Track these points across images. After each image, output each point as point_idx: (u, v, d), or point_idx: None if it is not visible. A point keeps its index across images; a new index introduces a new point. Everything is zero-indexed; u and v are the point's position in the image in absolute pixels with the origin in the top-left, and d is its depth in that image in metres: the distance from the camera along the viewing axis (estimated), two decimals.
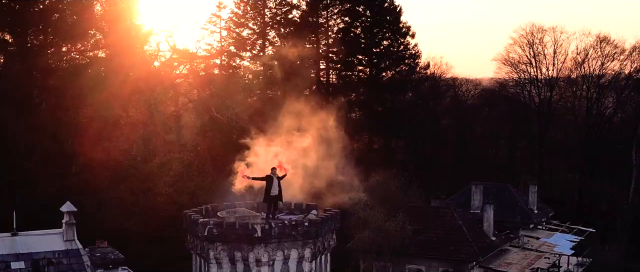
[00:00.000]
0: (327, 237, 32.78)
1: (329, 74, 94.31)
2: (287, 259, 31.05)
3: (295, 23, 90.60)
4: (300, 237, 31.19)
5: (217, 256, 31.07)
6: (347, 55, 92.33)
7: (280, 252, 30.93)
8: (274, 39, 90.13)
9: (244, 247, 30.66)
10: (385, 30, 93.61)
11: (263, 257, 30.69)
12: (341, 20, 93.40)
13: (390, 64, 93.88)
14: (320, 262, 32.58)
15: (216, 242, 31.01)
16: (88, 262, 19.66)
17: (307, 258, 31.48)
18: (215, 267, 31.22)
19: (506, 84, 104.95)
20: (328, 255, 33.76)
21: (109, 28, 79.62)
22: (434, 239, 59.91)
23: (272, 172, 32.32)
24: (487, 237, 61.85)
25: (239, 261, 30.77)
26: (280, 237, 30.87)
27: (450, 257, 58.57)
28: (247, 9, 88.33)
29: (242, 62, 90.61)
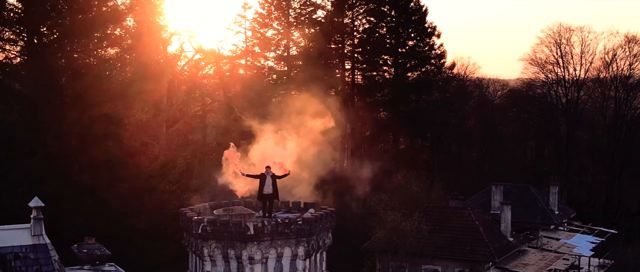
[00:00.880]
0: (321, 235, 32.87)
1: (355, 74, 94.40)
2: (280, 257, 31.23)
3: (320, 23, 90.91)
4: (293, 235, 31.33)
5: (211, 254, 31.33)
6: (373, 56, 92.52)
7: (273, 250, 31.11)
8: (298, 39, 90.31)
9: (237, 245, 30.89)
10: (410, 30, 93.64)
11: (256, 255, 30.89)
12: (366, 20, 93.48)
13: (416, 64, 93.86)
14: (315, 260, 32.68)
15: (210, 239, 31.29)
16: (56, 257, 19.94)
17: (300, 256, 31.62)
18: (209, 264, 31.49)
19: (533, 85, 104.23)
20: (324, 253, 33.86)
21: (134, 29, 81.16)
22: (450, 240, 59.59)
23: (266, 171, 32.50)
24: (504, 238, 61.44)
25: (232, 258, 30.99)
26: (273, 235, 31.06)
27: (466, 258, 58.26)
28: (271, 10, 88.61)
29: (266, 62, 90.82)
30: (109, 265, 26.25)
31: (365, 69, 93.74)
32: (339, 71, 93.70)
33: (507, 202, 64.09)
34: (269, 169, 32.59)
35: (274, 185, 32.35)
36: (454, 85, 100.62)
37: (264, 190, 32.32)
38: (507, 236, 61.88)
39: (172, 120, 75.03)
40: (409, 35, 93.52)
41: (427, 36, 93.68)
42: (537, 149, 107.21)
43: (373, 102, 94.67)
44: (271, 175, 32.43)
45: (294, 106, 46.34)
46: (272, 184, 32.26)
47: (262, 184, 32.35)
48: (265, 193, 32.33)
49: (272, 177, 32.36)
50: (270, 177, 32.33)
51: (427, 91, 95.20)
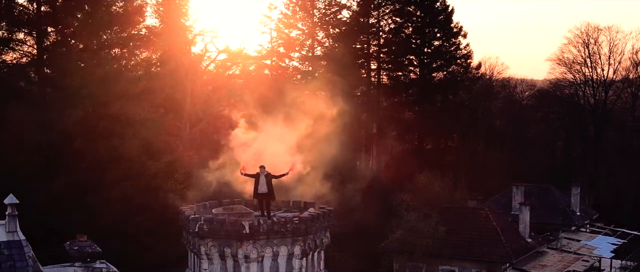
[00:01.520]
0: (319, 234, 32.94)
1: (380, 74, 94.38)
2: (276, 256, 31.35)
3: (345, 23, 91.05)
4: (289, 234, 31.46)
5: (208, 252, 31.59)
6: (398, 56, 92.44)
7: (269, 249, 31.28)
8: (323, 39, 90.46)
9: (233, 244, 31.10)
10: (436, 30, 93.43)
11: (252, 254, 31.08)
12: (392, 20, 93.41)
13: (442, 64, 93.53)
14: (313, 259, 32.78)
15: (206, 238, 31.54)
16: (30, 253, 20.29)
17: (296, 255, 31.72)
18: (206, 263, 31.74)
19: (560, 85, 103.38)
20: (322, 253, 33.91)
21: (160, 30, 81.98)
22: (467, 240, 59.57)
23: (260, 170, 32.70)
24: (523, 239, 61.16)
25: (228, 257, 31.23)
26: (268, 234, 31.21)
27: (483, 259, 58.16)
28: (296, 10, 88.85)
29: (291, 62, 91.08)
30: (100, 262, 26.60)
31: (391, 69, 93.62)
32: (365, 71, 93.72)
33: (526, 203, 63.77)
34: (263, 169, 32.76)
35: (269, 184, 32.48)
36: (481, 86, 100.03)
37: (259, 189, 32.53)
38: (526, 236, 61.59)
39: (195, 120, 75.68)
40: (434, 35, 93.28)
41: (453, 36, 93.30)
42: (565, 150, 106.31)
43: (398, 103, 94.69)
44: (266, 174, 32.59)
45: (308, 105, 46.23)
46: (267, 183, 32.42)
47: (256, 184, 32.58)
48: (259, 192, 32.55)
49: (266, 177, 32.51)
50: (264, 176, 32.49)
51: (453, 91, 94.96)
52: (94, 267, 26.32)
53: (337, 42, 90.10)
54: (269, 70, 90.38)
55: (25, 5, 46.26)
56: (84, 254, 26.33)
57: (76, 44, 47.48)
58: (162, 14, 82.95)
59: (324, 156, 70.80)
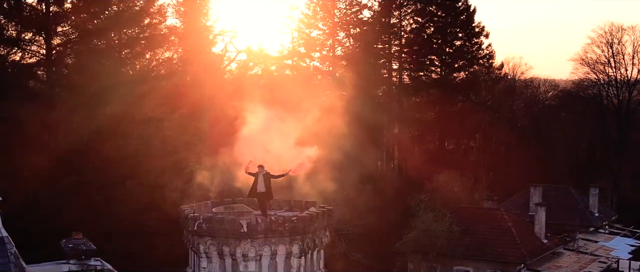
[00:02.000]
0: (318, 234, 32.96)
1: (402, 74, 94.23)
2: (274, 255, 31.43)
3: (366, 23, 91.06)
4: (287, 233, 31.49)
5: (207, 250, 31.74)
6: (420, 56, 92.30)
7: (267, 248, 31.36)
8: (343, 39, 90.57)
9: (231, 242, 31.21)
10: (458, 30, 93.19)
11: (250, 253, 31.18)
12: (413, 20, 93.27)
13: (463, 64, 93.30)
14: (312, 258, 32.84)
15: (205, 236, 31.67)
16: (13, 250, 20.53)
17: (295, 254, 31.78)
18: (205, 261, 31.90)
19: (583, 85, 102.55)
20: (321, 252, 33.92)
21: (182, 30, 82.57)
22: (482, 240, 59.34)
23: (259, 169, 32.84)
24: (538, 240, 60.85)
25: (227, 255, 31.35)
26: (266, 233, 31.30)
27: (497, 259, 57.92)
28: (317, 10, 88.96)
29: (312, 62, 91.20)
30: (94, 260, 26.90)
31: (412, 69, 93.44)
32: (386, 71, 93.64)
33: (542, 203, 63.40)
34: (261, 168, 32.88)
35: (267, 184, 32.60)
36: (503, 86, 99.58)
37: (258, 189, 32.67)
38: (541, 237, 61.29)
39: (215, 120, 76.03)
40: (456, 35, 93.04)
41: (475, 36, 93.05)
42: (588, 151, 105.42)
43: (420, 103, 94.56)
44: (264, 174, 32.71)
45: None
46: (265, 183, 32.54)
47: (255, 183, 32.71)
48: (258, 192, 32.69)
49: (264, 176, 32.63)
50: (262, 175, 32.62)
51: (474, 92, 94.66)
52: (89, 265, 26.62)
53: (358, 42, 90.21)
54: (290, 70, 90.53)
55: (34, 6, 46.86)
56: (79, 252, 26.65)
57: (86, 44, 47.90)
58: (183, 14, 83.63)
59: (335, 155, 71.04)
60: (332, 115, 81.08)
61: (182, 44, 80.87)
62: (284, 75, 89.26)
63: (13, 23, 45.97)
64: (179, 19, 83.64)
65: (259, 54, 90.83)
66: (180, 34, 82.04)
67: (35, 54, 47.66)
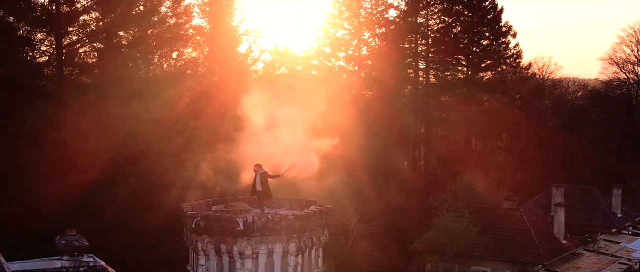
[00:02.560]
0: (316, 232, 33.04)
1: (428, 74, 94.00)
2: (271, 253, 31.60)
3: (392, 23, 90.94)
4: (284, 231, 31.64)
5: (205, 248, 32.00)
6: (446, 56, 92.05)
7: (264, 246, 31.50)
8: (369, 39, 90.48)
9: (228, 240, 31.43)
10: (485, 29, 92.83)
11: (247, 251, 31.34)
12: (441, 20, 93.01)
13: (491, 64, 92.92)
14: (310, 257, 32.96)
15: (203, 234, 31.94)
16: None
17: (292, 253, 31.91)
18: (203, 259, 32.16)
19: (612, 85, 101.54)
20: (320, 250, 34.02)
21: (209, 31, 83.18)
22: (500, 241, 59.12)
23: (256, 169, 33.10)
24: (557, 241, 60.43)
25: (224, 253, 31.57)
26: (263, 232, 31.46)
27: (515, 260, 57.66)
28: (342, 10, 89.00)
29: (337, 62, 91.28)
30: (87, 256, 27.11)
31: (439, 69, 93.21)
32: (413, 71, 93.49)
33: (562, 204, 62.89)
34: (259, 167, 33.12)
35: (264, 183, 32.83)
36: (531, 86, 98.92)
37: (257, 188, 32.96)
38: (561, 238, 60.85)
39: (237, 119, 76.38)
40: (483, 35, 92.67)
41: (503, 36, 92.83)
42: (618, 151, 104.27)
43: (447, 102, 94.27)
44: (261, 173, 32.96)
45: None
46: (261, 182, 32.78)
47: (253, 182, 33.03)
48: (257, 190, 32.98)
49: (261, 175, 32.87)
50: (259, 175, 32.87)
51: (502, 91, 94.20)
52: (82, 261, 26.84)
53: (384, 41, 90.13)
54: (316, 70, 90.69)
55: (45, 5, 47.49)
56: (72, 248, 26.83)
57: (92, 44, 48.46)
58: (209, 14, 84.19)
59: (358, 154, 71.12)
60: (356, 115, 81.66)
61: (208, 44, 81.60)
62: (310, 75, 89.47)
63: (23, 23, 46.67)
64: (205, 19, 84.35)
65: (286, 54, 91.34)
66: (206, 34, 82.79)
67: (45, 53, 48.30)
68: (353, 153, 76.03)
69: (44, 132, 43.39)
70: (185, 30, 79.16)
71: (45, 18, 47.38)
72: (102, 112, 45.09)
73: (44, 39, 48.36)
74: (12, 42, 46.40)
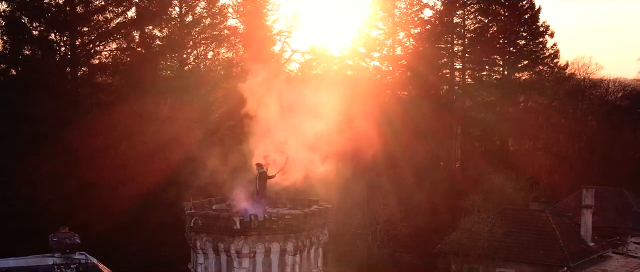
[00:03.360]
0: (314, 232, 33.12)
1: (465, 74, 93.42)
2: (268, 252, 31.77)
3: (427, 22, 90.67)
4: (280, 230, 31.78)
5: (203, 247, 32.29)
6: (482, 55, 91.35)
7: (261, 245, 31.67)
8: (403, 39, 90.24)
9: (225, 239, 31.67)
10: (522, 29, 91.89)
11: (244, 249, 31.56)
12: (477, 19, 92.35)
13: (527, 64, 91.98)
14: (308, 256, 33.02)
15: (201, 233, 32.27)
16: None
17: (289, 252, 32.04)
18: (202, 257, 32.46)
19: None
20: (319, 250, 34.06)
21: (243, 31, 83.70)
22: (525, 243, 58.66)
23: (256, 168, 33.32)
24: (584, 243, 59.67)
25: (222, 252, 31.83)
26: (260, 231, 31.63)
27: (539, 262, 57.09)
28: (376, 10, 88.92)
29: (371, 62, 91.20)
30: (79, 253, 27.64)
31: (475, 69, 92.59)
32: (448, 71, 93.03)
33: (589, 205, 62.05)
34: (259, 167, 33.34)
35: (260, 182, 33.02)
36: (569, 86, 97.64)
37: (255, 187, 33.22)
38: (587, 240, 60.09)
39: None
40: (520, 34, 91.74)
41: (540, 35, 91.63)
42: None
43: (482, 103, 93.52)
44: (260, 172, 33.18)
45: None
46: (258, 181, 33.00)
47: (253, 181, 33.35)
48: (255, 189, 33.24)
49: (260, 175, 33.08)
50: (258, 174, 33.11)
51: (538, 92, 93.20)
52: (73, 258, 27.37)
53: (419, 41, 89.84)
54: (351, 70, 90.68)
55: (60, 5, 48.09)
56: (63, 245, 27.44)
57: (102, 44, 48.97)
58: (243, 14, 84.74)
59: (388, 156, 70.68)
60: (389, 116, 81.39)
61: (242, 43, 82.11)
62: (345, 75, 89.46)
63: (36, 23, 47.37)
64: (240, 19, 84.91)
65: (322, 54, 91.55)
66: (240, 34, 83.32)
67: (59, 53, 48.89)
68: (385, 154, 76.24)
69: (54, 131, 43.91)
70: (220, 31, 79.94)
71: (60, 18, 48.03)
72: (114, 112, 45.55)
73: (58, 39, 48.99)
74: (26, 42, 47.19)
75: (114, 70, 46.47)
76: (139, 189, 44.33)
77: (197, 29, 78.09)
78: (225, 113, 67.74)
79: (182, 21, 77.08)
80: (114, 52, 49.53)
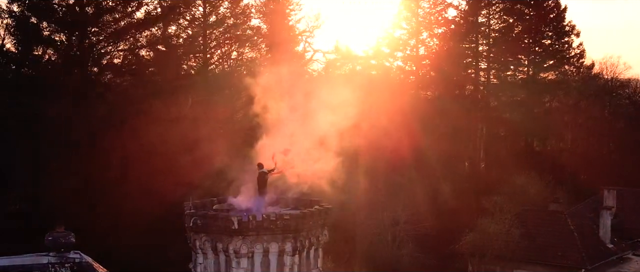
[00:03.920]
0: (313, 232, 32.94)
1: (490, 74, 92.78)
2: (267, 252, 31.70)
3: (452, 22, 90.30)
4: (279, 231, 31.67)
5: (202, 246, 32.29)
6: (507, 55, 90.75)
7: (259, 245, 31.58)
8: (427, 39, 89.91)
9: (224, 239, 31.63)
10: (547, 29, 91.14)
11: (242, 249, 31.49)
12: (502, 19, 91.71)
13: (552, 64, 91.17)
14: (308, 257, 32.90)
15: (200, 233, 32.25)
16: None
17: (288, 252, 31.92)
18: (201, 257, 32.48)
19: None
20: (319, 250, 33.89)
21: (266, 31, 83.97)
22: (542, 244, 58.17)
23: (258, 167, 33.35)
24: (602, 244, 59.07)
25: (220, 251, 31.82)
26: (258, 231, 31.56)
27: (557, 263, 56.62)
28: (400, 9, 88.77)
29: (395, 62, 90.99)
30: (74, 253, 27.71)
31: (499, 69, 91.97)
32: (473, 71, 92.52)
33: (608, 206, 61.43)
34: (259, 166, 33.33)
35: (259, 182, 33.01)
36: (595, 86, 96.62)
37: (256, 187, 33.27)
38: (606, 242, 59.46)
39: None
40: (545, 34, 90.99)
41: (565, 35, 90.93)
42: None
43: (507, 103, 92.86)
44: (260, 171, 33.16)
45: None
46: (258, 181, 33.00)
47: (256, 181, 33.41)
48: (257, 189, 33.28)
49: (259, 175, 33.08)
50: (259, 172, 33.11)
51: (564, 91, 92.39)
52: (67, 257, 27.46)
53: (443, 41, 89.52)
54: (375, 70, 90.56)
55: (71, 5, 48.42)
56: (58, 244, 27.50)
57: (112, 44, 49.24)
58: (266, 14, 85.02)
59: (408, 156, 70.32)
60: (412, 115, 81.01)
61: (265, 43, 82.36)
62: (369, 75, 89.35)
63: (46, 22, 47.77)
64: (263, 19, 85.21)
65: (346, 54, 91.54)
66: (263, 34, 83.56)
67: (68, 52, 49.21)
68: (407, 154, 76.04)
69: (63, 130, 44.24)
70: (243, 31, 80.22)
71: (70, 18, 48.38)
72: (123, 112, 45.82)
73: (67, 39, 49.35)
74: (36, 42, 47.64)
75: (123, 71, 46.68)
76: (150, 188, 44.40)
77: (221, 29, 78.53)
78: (243, 114, 67.91)
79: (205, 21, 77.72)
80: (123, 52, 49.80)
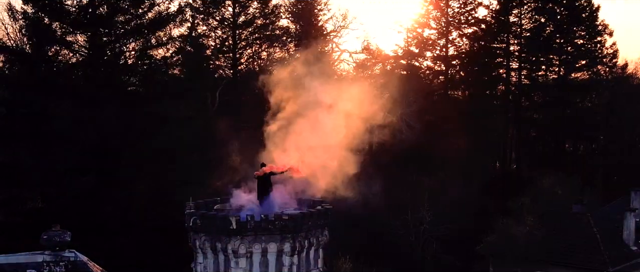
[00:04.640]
0: (313, 232, 32.90)
1: (521, 74, 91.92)
2: (265, 252, 31.73)
3: (482, 21, 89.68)
4: (277, 231, 31.67)
5: (202, 246, 32.43)
6: (539, 55, 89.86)
7: (258, 245, 31.62)
8: (456, 39, 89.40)
9: (222, 239, 31.74)
10: (579, 28, 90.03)
11: (240, 249, 31.57)
12: (533, 18, 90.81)
13: (585, 64, 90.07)
14: (308, 257, 32.87)
15: (200, 232, 32.41)
16: None
17: (286, 252, 31.92)
18: (201, 256, 32.63)
19: None
20: (319, 251, 33.83)
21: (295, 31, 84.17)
22: (565, 246, 57.47)
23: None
24: (626, 247, 58.17)
25: (219, 251, 31.93)
26: (256, 231, 31.60)
27: (579, 265, 55.93)
28: (429, 9, 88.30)
29: (424, 62, 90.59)
30: (69, 251, 27.96)
31: (531, 69, 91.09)
32: (504, 71, 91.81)
33: (632, 209, 60.49)
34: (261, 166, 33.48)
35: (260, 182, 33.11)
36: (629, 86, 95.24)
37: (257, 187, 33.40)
38: (630, 244, 58.54)
39: None
40: (577, 33, 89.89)
41: (598, 34, 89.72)
42: None
43: (538, 103, 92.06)
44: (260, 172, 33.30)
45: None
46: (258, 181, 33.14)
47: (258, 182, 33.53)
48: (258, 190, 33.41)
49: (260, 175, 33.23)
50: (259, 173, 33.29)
51: (596, 92, 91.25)
52: (62, 256, 27.71)
53: (472, 41, 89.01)
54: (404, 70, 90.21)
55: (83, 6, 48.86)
56: (53, 243, 27.75)
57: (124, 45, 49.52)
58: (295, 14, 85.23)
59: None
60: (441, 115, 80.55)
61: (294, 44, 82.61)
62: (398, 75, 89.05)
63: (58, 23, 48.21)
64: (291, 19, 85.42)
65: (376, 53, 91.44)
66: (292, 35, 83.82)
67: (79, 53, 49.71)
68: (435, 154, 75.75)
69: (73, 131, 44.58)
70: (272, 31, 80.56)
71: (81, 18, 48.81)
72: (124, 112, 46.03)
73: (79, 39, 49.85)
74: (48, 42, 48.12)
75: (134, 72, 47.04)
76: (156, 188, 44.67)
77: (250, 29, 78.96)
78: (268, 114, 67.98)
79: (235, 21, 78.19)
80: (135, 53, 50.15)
